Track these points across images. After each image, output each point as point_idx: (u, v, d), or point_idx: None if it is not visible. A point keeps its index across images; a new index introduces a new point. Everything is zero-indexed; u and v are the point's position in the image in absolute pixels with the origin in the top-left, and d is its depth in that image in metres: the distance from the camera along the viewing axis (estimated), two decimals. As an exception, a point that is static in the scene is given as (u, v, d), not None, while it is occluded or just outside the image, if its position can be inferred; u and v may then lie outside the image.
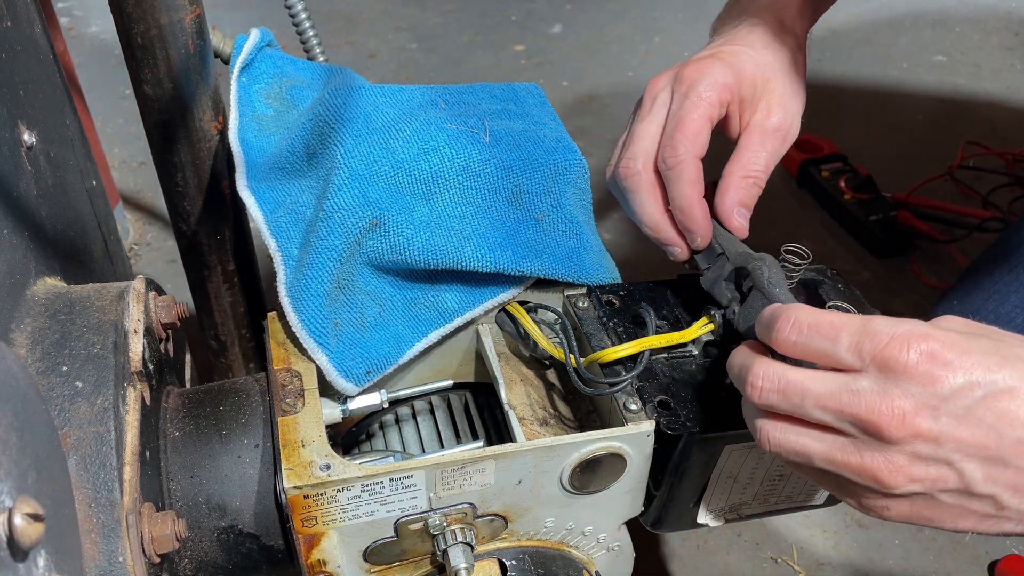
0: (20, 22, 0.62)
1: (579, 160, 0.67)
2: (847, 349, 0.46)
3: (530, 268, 0.64)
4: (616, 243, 1.38)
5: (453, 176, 0.63)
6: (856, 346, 0.46)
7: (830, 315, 0.48)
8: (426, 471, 0.54)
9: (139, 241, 1.46)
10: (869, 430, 0.45)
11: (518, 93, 0.74)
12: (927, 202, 1.44)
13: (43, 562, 0.36)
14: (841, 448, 0.46)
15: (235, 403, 0.60)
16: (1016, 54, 1.93)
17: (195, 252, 0.80)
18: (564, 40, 2.04)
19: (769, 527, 1.01)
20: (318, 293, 0.59)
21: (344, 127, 0.64)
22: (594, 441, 0.56)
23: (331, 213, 0.60)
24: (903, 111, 1.75)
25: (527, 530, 0.61)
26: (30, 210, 0.57)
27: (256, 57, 0.74)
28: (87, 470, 0.46)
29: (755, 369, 0.49)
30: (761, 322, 0.52)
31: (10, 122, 0.56)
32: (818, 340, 0.47)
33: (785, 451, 0.49)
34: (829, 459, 0.47)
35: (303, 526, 0.54)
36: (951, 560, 0.98)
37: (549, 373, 0.70)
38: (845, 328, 0.47)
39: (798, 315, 0.48)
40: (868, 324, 0.46)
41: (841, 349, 0.46)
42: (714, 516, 0.64)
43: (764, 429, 0.50)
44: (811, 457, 0.48)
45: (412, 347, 0.63)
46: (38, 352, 0.50)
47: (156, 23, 0.67)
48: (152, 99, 0.71)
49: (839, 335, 0.47)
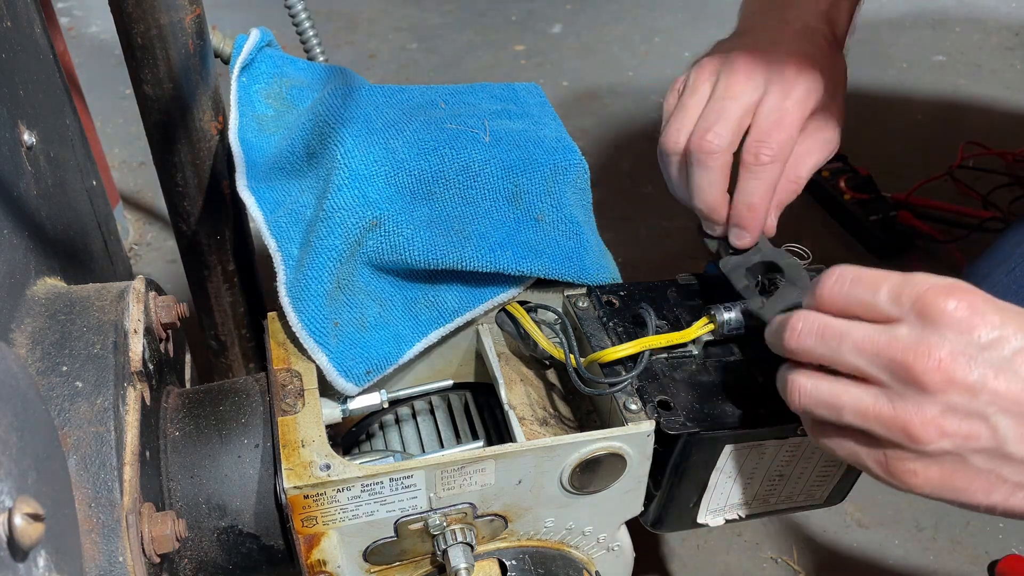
0: (20, 22, 0.62)
1: (579, 160, 0.67)
2: (888, 298, 0.46)
3: (530, 268, 0.64)
4: (616, 243, 1.37)
5: (453, 176, 0.63)
6: (896, 295, 0.46)
7: (873, 270, 0.48)
8: (426, 471, 0.54)
9: (139, 241, 1.46)
10: (904, 376, 0.45)
11: (518, 93, 0.74)
12: (927, 202, 1.44)
13: (43, 562, 0.36)
14: (874, 398, 0.46)
15: (235, 403, 0.60)
16: (1016, 54, 1.93)
17: (195, 252, 0.80)
18: (564, 40, 2.04)
19: (769, 527, 1.01)
20: (318, 293, 0.59)
21: (344, 127, 0.64)
22: (594, 441, 0.56)
23: (331, 213, 0.60)
24: (903, 111, 1.75)
25: (527, 530, 0.61)
26: (30, 210, 0.57)
27: (256, 57, 0.74)
28: (87, 470, 0.46)
29: (796, 315, 0.50)
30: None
31: (10, 122, 0.56)
32: (860, 290, 0.48)
33: (815, 403, 0.49)
34: (860, 410, 0.47)
35: (303, 526, 0.54)
36: (951, 560, 0.98)
37: (549, 373, 0.70)
38: (887, 280, 0.47)
39: (842, 271, 0.49)
40: (910, 276, 0.47)
41: (882, 298, 0.47)
42: (714, 516, 0.64)
43: (796, 381, 0.50)
44: (841, 409, 0.47)
45: (412, 347, 0.63)
46: (38, 352, 0.50)
47: (156, 23, 0.67)
48: (152, 99, 0.71)
49: (880, 285, 0.47)
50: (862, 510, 1.02)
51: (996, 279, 0.81)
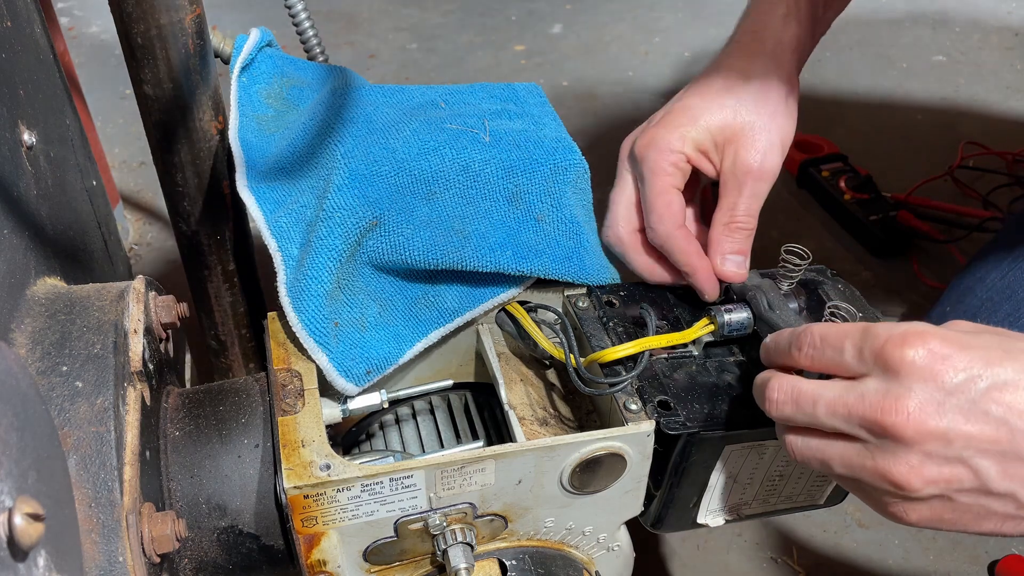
0: (20, 22, 0.62)
1: (579, 160, 0.67)
2: (852, 355, 0.47)
3: (530, 268, 0.64)
4: (616, 243, 1.38)
5: (453, 176, 0.63)
6: (859, 350, 0.47)
7: (838, 326, 0.49)
8: (426, 471, 0.54)
9: (139, 241, 1.46)
10: (878, 431, 0.45)
11: (518, 93, 0.74)
12: (927, 202, 1.44)
13: (43, 562, 0.36)
14: (857, 453, 0.47)
15: (235, 403, 0.60)
16: (1016, 54, 1.93)
17: (195, 252, 0.80)
18: (564, 40, 2.03)
19: (769, 527, 1.01)
20: (318, 293, 0.59)
21: (344, 127, 0.64)
22: (594, 441, 0.56)
23: (331, 213, 0.60)
24: (903, 111, 1.75)
25: (527, 530, 0.61)
26: (30, 210, 0.57)
27: (256, 57, 0.74)
28: (87, 470, 0.46)
29: (771, 383, 0.51)
30: (768, 347, 0.55)
31: (10, 122, 0.56)
32: (828, 350, 0.48)
33: (809, 460, 0.50)
34: (847, 464, 0.48)
35: (303, 526, 0.54)
36: (951, 560, 0.98)
37: (549, 373, 0.70)
38: (849, 335, 0.47)
39: (812, 332, 0.50)
40: (869, 328, 0.47)
41: (847, 355, 0.47)
42: (714, 516, 0.64)
43: (789, 441, 0.51)
44: (831, 464, 0.49)
45: (412, 347, 0.63)
46: (38, 352, 0.50)
47: (156, 23, 0.66)
48: (152, 99, 0.71)
49: (844, 343, 0.47)
50: (862, 510, 1.02)
51: (991, 283, 0.81)
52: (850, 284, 0.69)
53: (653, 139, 0.66)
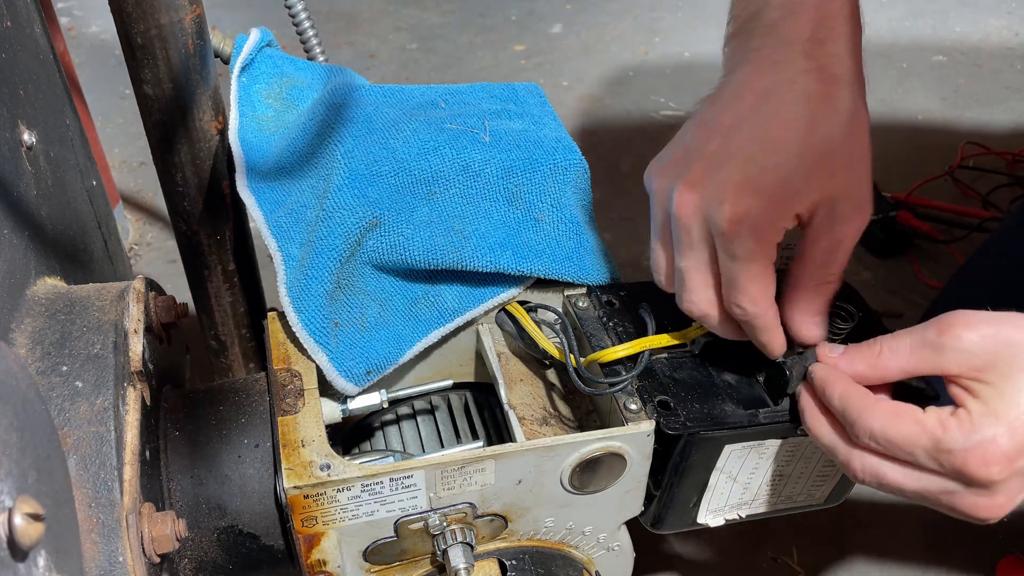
0: (20, 22, 0.62)
1: (579, 160, 0.67)
2: (929, 461, 0.49)
3: (530, 268, 0.64)
4: (616, 243, 1.37)
5: (453, 176, 0.63)
6: (935, 461, 0.49)
7: (901, 426, 0.50)
8: (426, 471, 0.54)
9: (139, 241, 1.46)
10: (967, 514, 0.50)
11: (518, 93, 0.74)
12: (927, 202, 1.44)
13: (43, 562, 0.36)
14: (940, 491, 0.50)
15: (235, 403, 0.60)
16: (1016, 54, 1.93)
17: (195, 252, 0.80)
18: (564, 40, 2.03)
19: (769, 527, 1.01)
20: (318, 293, 0.59)
21: (344, 127, 0.64)
22: (594, 441, 0.56)
23: (331, 213, 0.60)
24: (903, 111, 1.75)
25: (527, 530, 0.61)
26: (30, 210, 0.57)
27: (256, 57, 0.74)
28: (87, 470, 0.46)
29: (854, 464, 0.53)
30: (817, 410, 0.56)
31: (10, 122, 0.56)
32: (898, 452, 0.50)
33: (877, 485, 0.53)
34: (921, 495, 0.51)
35: (303, 526, 0.54)
36: (951, 560, 0.98)
37: (549, 373, 0.70)
38: (917, 444, 0.49)
39: (872, 427, 0.51)
40: (941, 441, 0.48)
41: (922, 461, 0.49)
42: (714, 516, 0.64)
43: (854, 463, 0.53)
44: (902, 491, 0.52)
45: (412, 347, 0.63)
46: (38, 352, 0.50)
47: (156, 23, 0.66)
48: (152, 99, 0.71)
49: (914, 451, 0.49)
50: (862, 510, 1.02)
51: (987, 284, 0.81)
52: (850, 284, 0.69)
53: (749, 214, 0.51)
